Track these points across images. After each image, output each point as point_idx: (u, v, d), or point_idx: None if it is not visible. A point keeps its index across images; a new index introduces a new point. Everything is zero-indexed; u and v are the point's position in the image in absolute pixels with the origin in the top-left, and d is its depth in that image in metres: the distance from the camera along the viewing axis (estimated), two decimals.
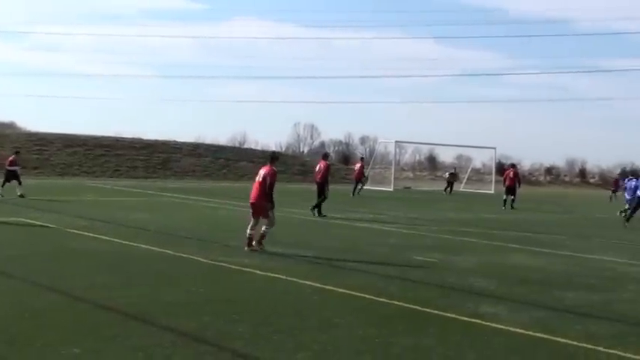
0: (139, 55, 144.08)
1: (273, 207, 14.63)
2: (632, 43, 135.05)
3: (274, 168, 14.93)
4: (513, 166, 37.76)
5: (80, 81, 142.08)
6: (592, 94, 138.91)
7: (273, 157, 15.50)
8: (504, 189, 35.22)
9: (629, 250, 18.43)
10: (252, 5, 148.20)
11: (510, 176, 34.97)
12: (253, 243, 14.43)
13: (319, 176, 24.59)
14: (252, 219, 14.71)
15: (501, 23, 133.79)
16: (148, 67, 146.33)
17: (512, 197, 34.10)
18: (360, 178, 39.22)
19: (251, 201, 14.80)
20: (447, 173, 50.58)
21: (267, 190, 14.50)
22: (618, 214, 31.82)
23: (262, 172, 14.75)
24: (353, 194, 37.32)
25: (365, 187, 39.44)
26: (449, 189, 49.24)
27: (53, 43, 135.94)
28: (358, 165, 40.64)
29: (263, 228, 14.55)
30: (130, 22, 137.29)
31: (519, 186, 35.53)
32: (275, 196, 14.71)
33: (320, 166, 25.03)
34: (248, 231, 14.56)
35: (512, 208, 33.30)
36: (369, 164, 50.44)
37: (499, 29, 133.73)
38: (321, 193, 24.22)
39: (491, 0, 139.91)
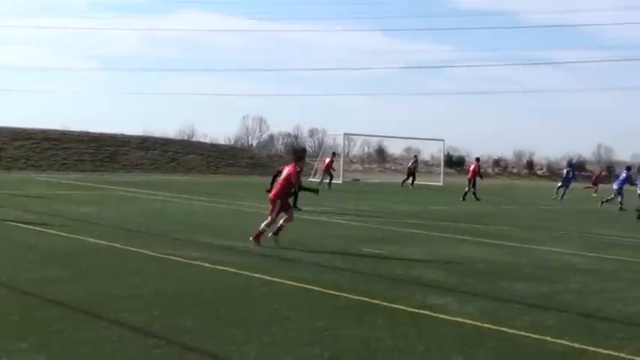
0: (85, 47, 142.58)
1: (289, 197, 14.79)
2: (579, 35, 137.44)
3: (298, 168, 14.50)
4: (477, 159, 39.36)
5: (26, 74, 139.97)
6: (539, 85, 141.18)
7: (299, 156, 14.90)
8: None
9: (575, 241, 18.71)
10: None
11: (470, 169, 36.05)
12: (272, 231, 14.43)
13: None
14: (269, 216, 14.45)
15: (448, 15, 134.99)
16: (94, 60, 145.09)
17: (466, 189, 34.66)
18: (328, 171, 40.22)
19: (271, 197, 14.47)
20: (411, 162, 48.76)
21: (290, 189, 14.54)
22: (600, 205, 33.83)
23: (286, 171, 14.44)
24: (322, 184, 38.30)
25: (312, 180, 39.59)
26: (411, 180, 45.82)
27: None
28: (328, 159, 40.98)
29: (281, 221, 14.41)
30: (77, 13, 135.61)
31: (481, 179, 36.33)
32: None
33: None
34: (262, 226, 14.28)
35: (463, 199, 33.79)
36: (318, 157, 50.69)
37: (446, 21, 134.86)
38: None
39: None
